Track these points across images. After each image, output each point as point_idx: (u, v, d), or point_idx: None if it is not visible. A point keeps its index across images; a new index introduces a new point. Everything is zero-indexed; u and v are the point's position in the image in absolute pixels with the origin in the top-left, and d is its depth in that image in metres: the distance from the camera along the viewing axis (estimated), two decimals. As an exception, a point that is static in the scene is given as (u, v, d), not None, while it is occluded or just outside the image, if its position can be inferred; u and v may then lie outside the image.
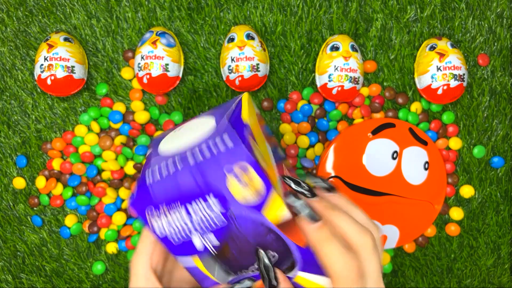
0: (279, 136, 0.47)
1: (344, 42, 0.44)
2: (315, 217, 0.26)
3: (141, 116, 0.46)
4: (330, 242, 0.25)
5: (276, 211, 0.25)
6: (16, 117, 0.47)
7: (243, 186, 0.24)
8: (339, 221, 0.26)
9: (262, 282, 0.27)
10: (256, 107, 0.36)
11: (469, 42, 0.47)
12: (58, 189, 0.47)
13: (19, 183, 0.47)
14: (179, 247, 0.26)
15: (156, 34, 0.44)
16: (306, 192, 0.28)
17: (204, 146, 0.25)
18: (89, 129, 0.47)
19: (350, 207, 0.28)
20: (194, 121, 0.31)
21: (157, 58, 0.43)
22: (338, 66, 0.43)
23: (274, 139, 0.40)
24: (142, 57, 0.43)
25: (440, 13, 0.47)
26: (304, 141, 0.46)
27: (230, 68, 0.44)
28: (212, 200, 0.25)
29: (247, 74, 0.43)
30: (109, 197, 0.46)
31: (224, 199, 0.25)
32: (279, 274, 0.27)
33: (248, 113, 0.27)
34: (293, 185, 0.28)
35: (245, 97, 0.31)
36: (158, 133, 0.46)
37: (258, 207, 0.25)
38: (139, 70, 0.44)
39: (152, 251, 0.28)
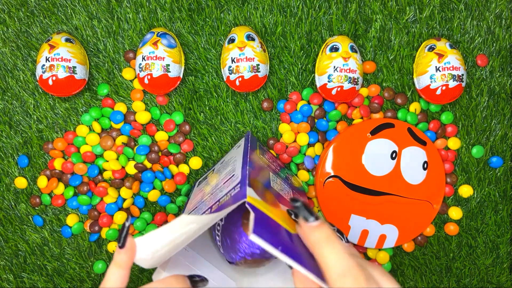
0: (278, 136, 0.48)
1: (343, 43, 0.44)
2: (315, 215, 0.27)
3: (142, 116, 0.47)
4: (333, 239, 0.26)
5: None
6: (17, 117, 0.47)
7: None
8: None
9: None
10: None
11: (468, 43, 0.48)
12: (60, 188, 0.47)
13: (20, 182, 0.47)
14: None
15: (157, 35, 0.44)
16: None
17: None
18: (91, 129, 0.47)
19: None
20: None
21: (158, 58, 0.43)
22: (338, 67, 0.44)
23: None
24: (143, 58, 0.44)
25: (439, 13, 0.47)
26: (303, 138, 0.46)
27: (231, 68, 0.44)
28: None
29: (247, 75, 0.44)
30: (110, 197, 0.46)
31: None
32: None
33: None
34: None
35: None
36: (160, 133, 0.47)
37: None
38: (140, 71, 0.44)
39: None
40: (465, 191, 0.48)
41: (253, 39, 0.44)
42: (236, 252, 0.34)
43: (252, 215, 0.28)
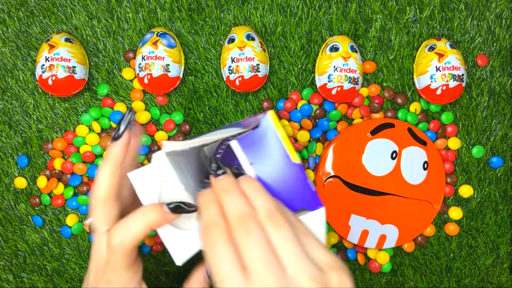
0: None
1: (343, 43, 0.44)
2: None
3: (142, 116, 0.47)
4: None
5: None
6: (17, 117, 0.47)
7: None
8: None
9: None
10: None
11: (468, 43, 0.48)
12: (59, 188, 0.47)
13: (20, 183, 0.47)
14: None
15: (157, 35, 0.44)
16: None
17: None
18: (90, 129, 0.47)
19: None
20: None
21: (158, 58, 0.43)
22: (338, 67, 0.44)
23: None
24: (143, 58, 0.44)
25: (439, 13, 0.47)
26: (304, 136, 0.46)
27: (231, 68, 0.44)
28: None
29: (247, 75, 0.44)
30: (110, 197, 0.46)
31: None
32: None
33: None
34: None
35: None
36: (160, 133, 0.47)
37: None
38: (140, 71, 0.44)
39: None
40: (465, 191, 0.48)
41: (253, 39, 0.44)
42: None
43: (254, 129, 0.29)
